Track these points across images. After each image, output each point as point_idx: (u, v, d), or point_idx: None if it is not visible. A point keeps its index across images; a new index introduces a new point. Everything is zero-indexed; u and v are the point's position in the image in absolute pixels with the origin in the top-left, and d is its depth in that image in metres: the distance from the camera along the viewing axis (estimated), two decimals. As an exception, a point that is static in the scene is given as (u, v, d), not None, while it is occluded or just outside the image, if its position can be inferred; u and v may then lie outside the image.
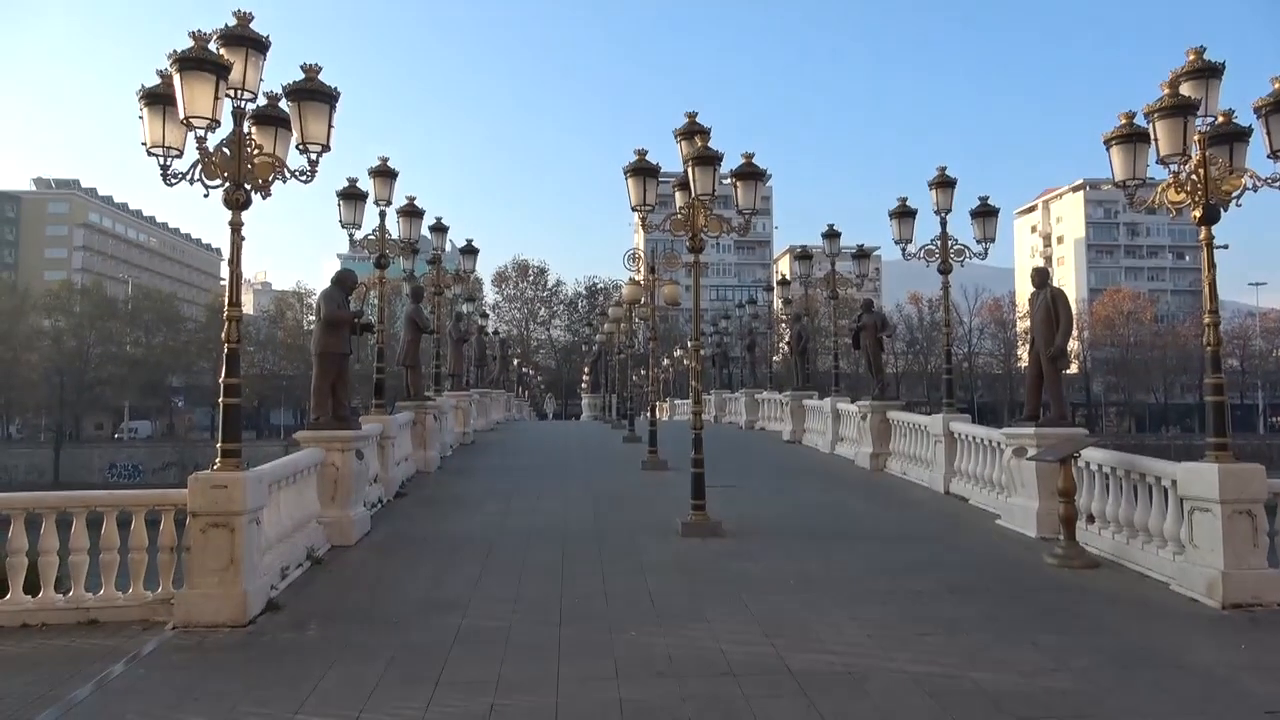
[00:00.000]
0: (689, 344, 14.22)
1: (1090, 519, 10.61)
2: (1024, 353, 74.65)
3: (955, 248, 15.56)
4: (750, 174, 11.97)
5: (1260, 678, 6.55)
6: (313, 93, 8.89)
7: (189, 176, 8.12)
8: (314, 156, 8.78)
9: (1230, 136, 8.89)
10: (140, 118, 8.12)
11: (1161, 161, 8.79)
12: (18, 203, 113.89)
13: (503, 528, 12.22)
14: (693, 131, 12.19)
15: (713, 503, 11.95)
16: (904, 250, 16.14)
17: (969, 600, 8.57)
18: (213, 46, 7.93)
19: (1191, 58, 8.86)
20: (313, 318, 17.56)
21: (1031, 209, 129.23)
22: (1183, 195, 8.80)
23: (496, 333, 51.39)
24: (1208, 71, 8.83)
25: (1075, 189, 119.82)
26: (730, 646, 7.07)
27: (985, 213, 15.23)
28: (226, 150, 8.24)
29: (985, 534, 11.94)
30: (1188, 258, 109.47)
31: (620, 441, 24.61)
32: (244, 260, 8.44)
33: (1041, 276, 12.39)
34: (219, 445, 8.19)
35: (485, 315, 44.06)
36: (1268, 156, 8.52)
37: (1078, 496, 10.42)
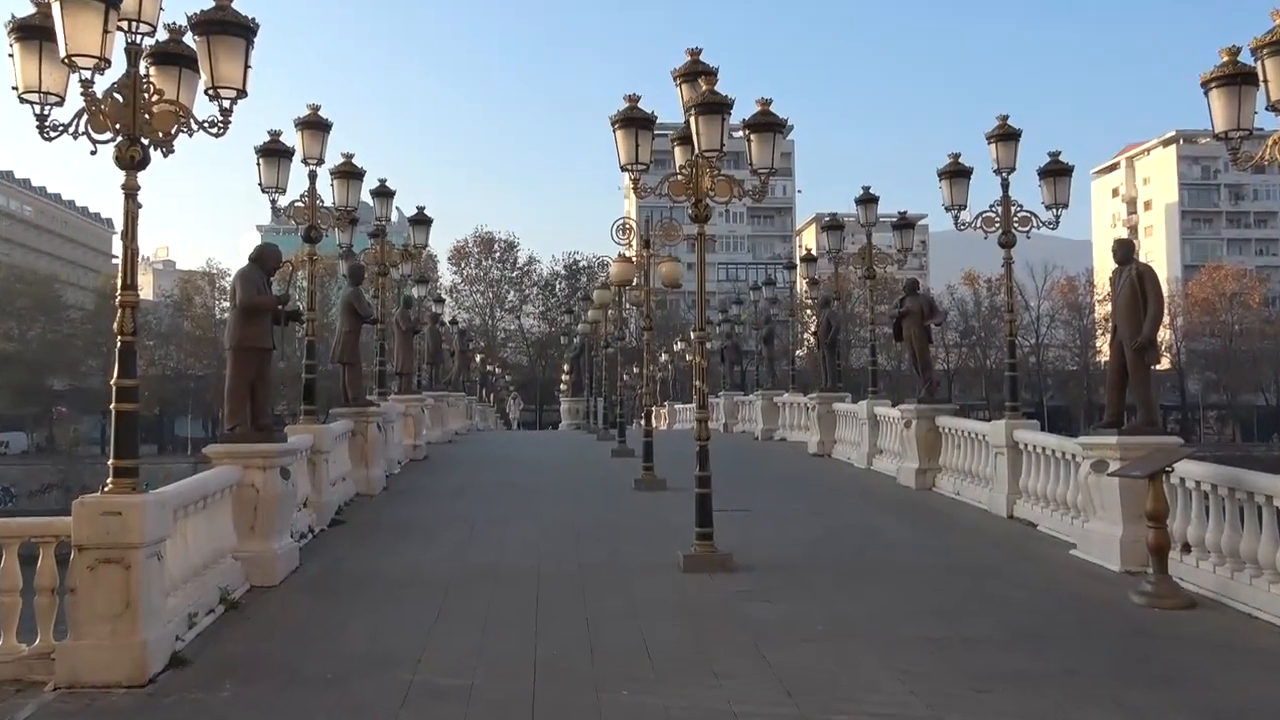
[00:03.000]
0: (692, 335, 14.24)
1: (1186, 548, 10.64)
2: (1104, 344, 74.89)
3: (1020, 215, 15.56)
4: (767, 125, 11.94)
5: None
6: (225, 24, 8.82)
7: (72, 129, 8.06)
8: (227, 103, 8.72)
9: (1360, 77, 8.87)
10: (10, 56, 8.06)
11: (1273, 107, 8.78)
12: None
13: (463, 563, 12.23)
14: (696, 72, 12.17)
15: (722, 531, 11.96)
16: (957, 219, 16.14)
17: (1037, 649, 8.59)
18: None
19: (1311, -22, 8.85)
20: (227, 304, 17.47)
21: (1112, 168, 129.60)
22: (1300, 149, 8.80)
23: (455, 322, 51.41)
24: (1331, -4, 8.82)
25: (1166, 143, 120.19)
26: (744, 708, 7.08)
27: (1056, 172, 15.23)
28: (119, 96, 8.18)
29: (1057, 567, 11.98)
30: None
31: (608, 456, 24.63)
32: (141, 233, 8.36)
33: (1125, 250, 12.41)
34: (111, 462, 8.14)
35: (441, 301, 44.03)
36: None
37: (1170, 520, 10.44)
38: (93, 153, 8.09)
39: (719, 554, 11.66)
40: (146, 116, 8.23)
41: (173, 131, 8.37)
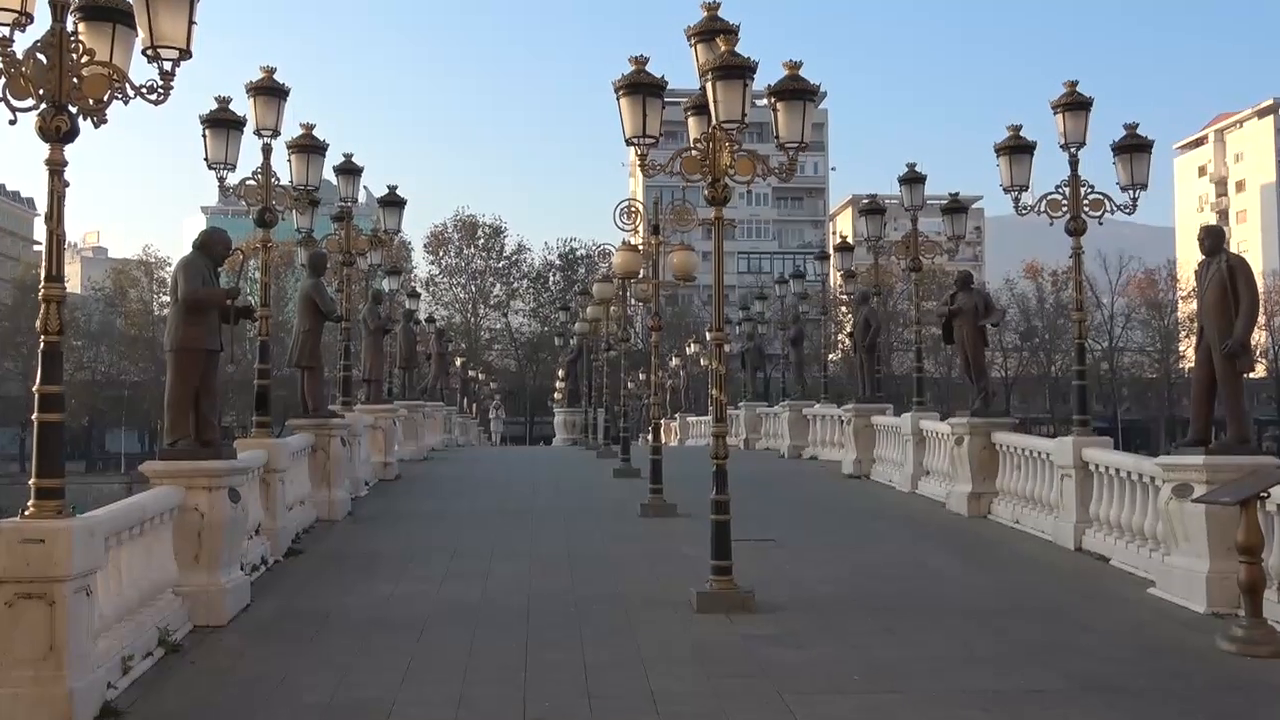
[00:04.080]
0: (708, 336, 14.23)
1: (1285, 587, 10.62)
2: (1189, 348, 74.73)
3: (1091, 197, 15.57)
4: (796, 92, 11.96)
5: None
6: (166, -26, 8.86)
7: (-12, 95, 8.09)
8: (168, 66, 8.76)
9: None
10: (-83, 11, 8.09)
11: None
12: None
13: (441, 600, 12.26)
14: (714, 30, 12.17)
15: (742, 564, 11.98)
16: (1017, 201, 16.15)
17: (1111, 703, 8.59)
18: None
19: None
20: (166, 298, 17.54)
21: (1199, 142, 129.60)
22: None
23: (432, 320, 51.49)
24: None
25: (1261, 113, 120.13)
26: (768, 770, 7.08)
27: (1134, 147, 15.21)
28: (42, 57, 8.20)
29: (1133, 608, 11.98)
30: None
31: (609, 476, 24.75)
32: (68, 216, 8.39)
33: (1214, 239, 12.40)
34: (32, 482, 8.17)
35: (416, 295, 44.02)
36: None
37: (1266, 554, 10.42)
38: (12, 122, 8.09)
39: (739, 591, 11.66)
40: (75, 80, 8.26)
41: (105, 98, 8.40)
